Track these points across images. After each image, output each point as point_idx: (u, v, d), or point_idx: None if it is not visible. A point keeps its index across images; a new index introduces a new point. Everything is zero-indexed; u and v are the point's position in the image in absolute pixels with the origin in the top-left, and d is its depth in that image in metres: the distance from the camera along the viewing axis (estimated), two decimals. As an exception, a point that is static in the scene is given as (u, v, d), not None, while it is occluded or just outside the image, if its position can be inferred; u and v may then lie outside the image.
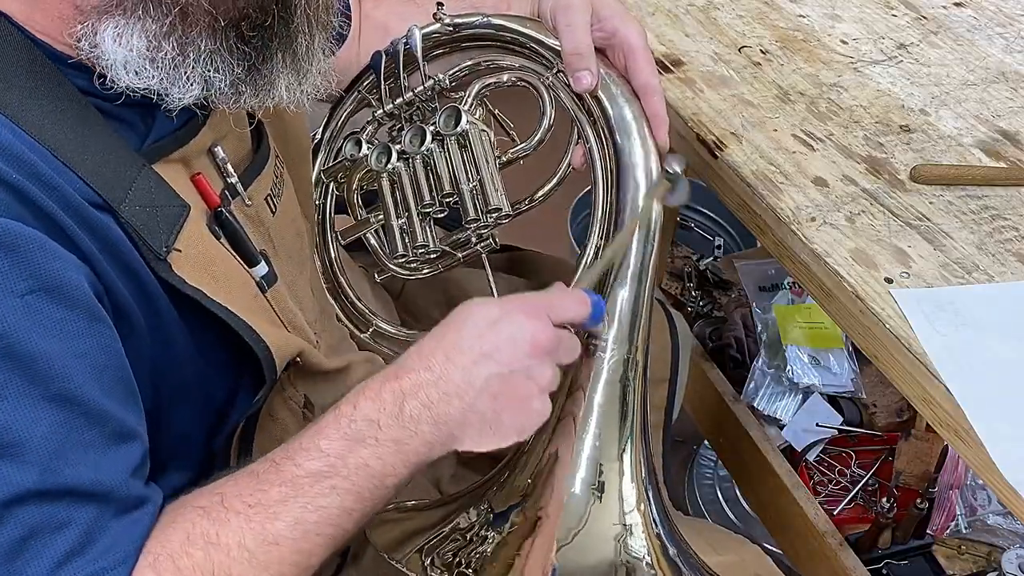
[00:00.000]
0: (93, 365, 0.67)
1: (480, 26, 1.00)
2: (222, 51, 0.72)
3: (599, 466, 0.82)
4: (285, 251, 0.90)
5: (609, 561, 0.79)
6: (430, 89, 0.99)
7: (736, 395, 1.55)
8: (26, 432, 0.63)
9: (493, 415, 0.75)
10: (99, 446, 0.66)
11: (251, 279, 0.83)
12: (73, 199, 0.69)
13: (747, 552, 1.11)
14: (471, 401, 0.74)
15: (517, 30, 0.99)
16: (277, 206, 0.89)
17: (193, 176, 0.79)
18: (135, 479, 0.69)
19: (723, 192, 1.13)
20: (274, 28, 0.73)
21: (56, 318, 0.65)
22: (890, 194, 1.07)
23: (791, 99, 1.20)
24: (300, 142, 0.99)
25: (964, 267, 0.99)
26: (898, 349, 0.92)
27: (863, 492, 1.53)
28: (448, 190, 0.97)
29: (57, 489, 0.64)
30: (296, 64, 0.76)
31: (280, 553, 0.70)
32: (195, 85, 0.72)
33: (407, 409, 0.74)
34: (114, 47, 0.70)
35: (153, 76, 0.71)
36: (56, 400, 0.64)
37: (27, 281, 0.63)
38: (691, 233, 2.17)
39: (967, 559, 1.43)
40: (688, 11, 1.35)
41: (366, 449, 0.73)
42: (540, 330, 0.76)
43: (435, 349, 0.76)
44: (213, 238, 0.80)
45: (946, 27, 1.34)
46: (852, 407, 1.60)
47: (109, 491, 0.67)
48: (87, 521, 0.65)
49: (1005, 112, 1.19)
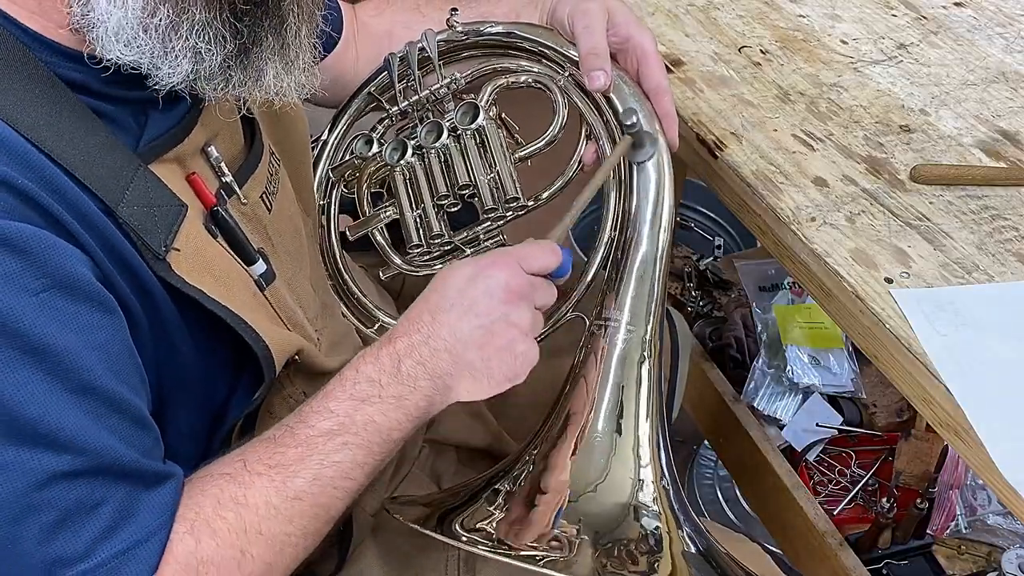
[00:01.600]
0: (108, 355, 0.70)
1: (493, 33, 1.04)
2: (216, 22, 0.72)
3: (618, 421, 0.89)
4: (283, 248, 0.90)
5: (622, 503, 0.86)
6: (445, 87, 1.02)
7: (736, 395, 1.55)
8: (56, 422, 0.66)
9: (483, 364, 0.82)
10: (122, 430, 0.70)
11: (249, 277, 0.84)
12: (75, 199, 0.69)
13: (747, 550, 1.11)
14: (460, 354, 0.81)
15: (530, 37, 1.03)
16: (273, 204, 0.89)
17: (188, 176, 0.80)
18: (156, 458, 0.73)
19: (723, 192, 1.13)
20: (267, 6, 0.74)
21: (71, 312, 0.67)
22: (890, 194, 1.07)
23: (791, 99, 1.20)
24: (298, 140, 0.99)
25: (964, 267, 0.99)
26: (898, 349, 0.92)
27: (863, 492, 1.53)
28: (465, 182, 0.99)
29: (91, 470, 0.67)
30: (284, 52, 0.76)
31: (302, 507, 0.76)
32: (185, 60, 0.72)
33: (404, 368, 0.81)
34: (108, 6, 0.69)
35: (144, 45, 0.70)
36: (80, 391, 0.67)
37: (41, 280, 0.66)
38: (691, 233, 2.17)
39: (967, 559, 1.43)
40: (688, 11, 1.35)
41: (371, 406, 0.79)
42: (511, 276, 0.83)
43: (422, 312, 0.83)
44: (210, 237, 0.80)
45: (946, 27, 1.34)
46: (852, 407, 1.60)
47: (137, 469, 0.70)
48: (121, 498, 0.69)
49: (1005, 112, 1.19)
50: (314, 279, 0.98)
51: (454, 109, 1.01)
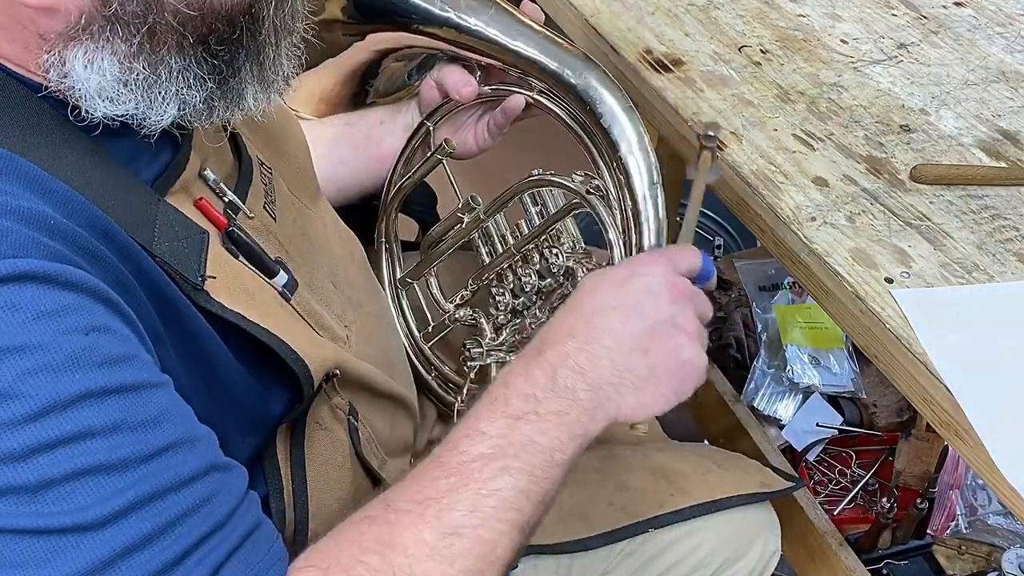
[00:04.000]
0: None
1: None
2: (192, 66, 0.71)
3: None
4: (296, 252, 0.90)
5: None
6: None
7: (736, 395, 1.54)
8: (151, 445, 0.64)
9: (648, 371, 0.74)
10: (192, 445, 0.67)
11: (274, 291, 0.83)
12: (123, 241, 0.68)
13: (748, 465, 1.18)
14: (623, 360, 0.74)
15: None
16: (276, 212, 0.89)
17: (196, 202, 0.79)
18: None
19: (723, 192, 1.12)
20: (242, 40, 0.73)
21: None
22: (890, 194, 1.07)
23: (791, 99, 1.20)
24: (291, 141, 0.99)
25: (964, 267, 0.99)
26: (898, 349, 0.92)
27: (863, 492, 1.53)
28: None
29: (204, 469, 0.66)
30: (263, 75, 0.76)
31: (463, 545, 0.67)
32: (171, 105, 0.71)
33: (560, 379, 0.73)
34: (86, 73, 0.68)
35: (129, 100, 0.70)
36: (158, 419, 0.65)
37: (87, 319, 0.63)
38: (691, 233, 2.17)
39: (967, 559, 1.43)
40: (688, 11, 1.35)
41: (528, 425, 0.72)
42: (672, 275, 0.77)
43: (576, 319, 0.76)
44: (232, 258, 0.79)
45: (946, 27, 1.34)
46: (852, 407, 1.60)
47: (229, 465, 0.69)
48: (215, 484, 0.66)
49: (1005, 112, 1.19)
50: (333, 275, 0.97)
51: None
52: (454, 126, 1.13)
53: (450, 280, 1.20)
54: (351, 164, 1.15)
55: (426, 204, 1.33)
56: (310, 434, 0.85)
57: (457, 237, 1.13)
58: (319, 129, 1.14)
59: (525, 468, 0.71)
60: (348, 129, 1.16)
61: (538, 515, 0.73)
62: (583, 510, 1.06)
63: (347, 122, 1.16)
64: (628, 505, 1.07)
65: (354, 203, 1.19)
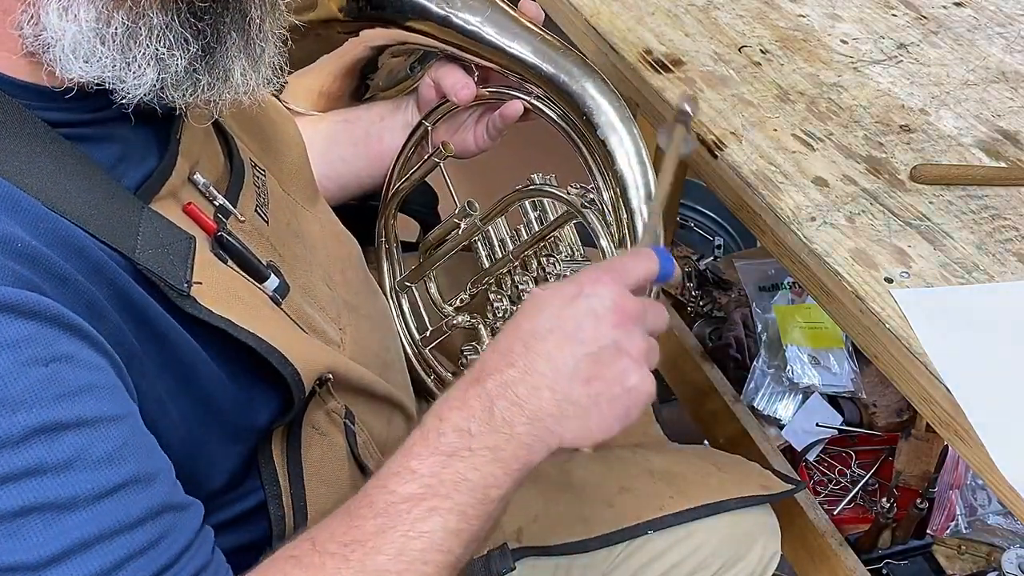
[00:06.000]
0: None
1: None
2: (175, 24, 0.68)
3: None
4: (290, 255, 0.89)
5: None
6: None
7: (736, 395, 1.55)
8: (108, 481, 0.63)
9: (590, 401, 0.71)
10: (147, 483, 0.66)
11: (264, 295, 0.82)
12: (95, 256, 0.67)
13: (749, 468, 1.18)
14: (564, 390, 0.70)
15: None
16: (268, 215, 0.88)
17: (184, 207, 0.77)
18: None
19: (723, 192, 1.12)
20: (227, 1, 0.71)
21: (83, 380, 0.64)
22: (890, 194, 1.07)
23: (791, 99, 1.20)
24: (288, 140, 0.98)
25: (964, 267, 0.99)
26: (898, 349, 0.92)
27: (863, 492, 1.53)
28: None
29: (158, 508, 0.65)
30: (249, 48, 0.73)
31: None
32: (149, 68, 0.68)
33: (497, 412, 0.70)
34: (61, 23, 0.65)
35: (105, 57, 0.67)
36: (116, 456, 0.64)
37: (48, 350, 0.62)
38: (691, 233, 2.17)
39: (967, 559, 1.43)
40: (688, 11, 1.35)
41: (461, 462, 0.69)
42: (619, 295, 0.72)
43: (513, 342, 0.72)
44: (221, 263, 0.78)
45: (946, 27, 1.34)
46: (852, 407, 1.60)
47: (183, 504, 0.68)
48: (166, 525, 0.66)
49: (1005, 112, 1.19)
50: (328, 277, 0.96)
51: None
52: (453, 126, 1.12)
53: (450, 280, 1.20)
54: (351, 161, 1.15)
55: (426, 204, 1.33)
56: (307, 439, 0.84)
57: (455, 242, 1.13)
58: (318, 126, 1.13)
59: (456, 508, 0.68)
60: (347, 126, 1.15)
61: (470, 552, 0.71)
62: (583, 512, 1.06)
63: (346, 119, 1.16)
64: (628, 507, 1.07)
65: (354, 202, 1.19)
